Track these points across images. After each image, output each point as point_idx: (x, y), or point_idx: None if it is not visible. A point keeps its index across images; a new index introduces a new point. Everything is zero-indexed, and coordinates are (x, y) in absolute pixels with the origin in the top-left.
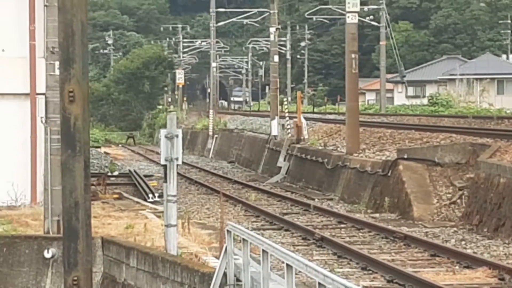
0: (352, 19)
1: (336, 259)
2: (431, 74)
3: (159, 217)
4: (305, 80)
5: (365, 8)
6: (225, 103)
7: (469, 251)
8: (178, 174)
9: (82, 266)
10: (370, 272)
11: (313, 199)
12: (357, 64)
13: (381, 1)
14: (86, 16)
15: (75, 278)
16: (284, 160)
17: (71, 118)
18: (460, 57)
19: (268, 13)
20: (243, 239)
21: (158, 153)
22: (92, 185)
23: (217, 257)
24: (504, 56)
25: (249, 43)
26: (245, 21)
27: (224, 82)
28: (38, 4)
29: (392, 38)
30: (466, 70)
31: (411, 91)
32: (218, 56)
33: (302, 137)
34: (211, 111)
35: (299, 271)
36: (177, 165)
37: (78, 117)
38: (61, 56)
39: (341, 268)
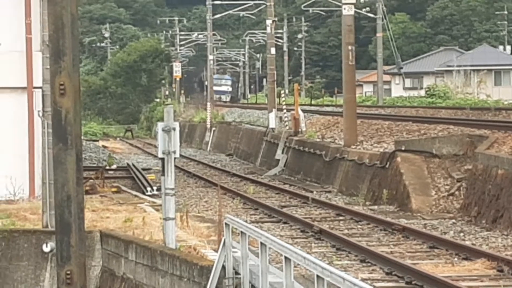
0: (348, 11)
1: (334, 251)
2: (428, 65)
3: (157, 210)
4: (303, 72)
5: (361, 0)
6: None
7: (467, 243)
8: (176, 167)
9: (76, 260)
10: (369, 264)
11: (312, 192)
12: (354, 56)
13: None
14: (77, 8)
15: (68, 272)
16: (282, 152)
17: (62, 111)
18: (457, 49)
19: (264, 6)
20: (242, 232)
21: (156, 146)
22: (91, 178)
23: (216, 250)
24: (501, 47)
25: (246, 36)
26: (241, 13)
27: None
28: None
29: (388, 30)
30: (463, 62)
31: (408, 82)
32: (215, 49)
33: (299, 130)
34: (208, 103)
35: (298, 264)
36: (175, 158)
37: (69, 110)
38: (51, 48)
39: (340, 260)
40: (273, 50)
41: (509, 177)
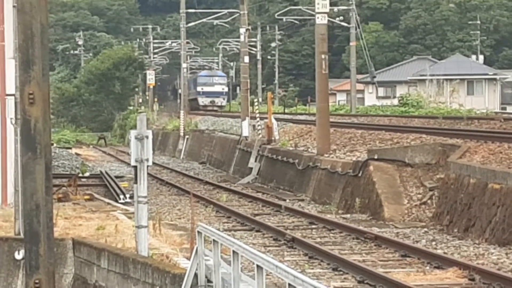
0: (321, 20)
1: (307, 260)
2: (401, 74)
3: (130, 218)
4: (276, 81)
5: (335, 8)
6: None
7: (439, 252)
8: (149, 175)
9: (44, 269)
10: (341, 272)
11: (284, 200)
12: (327, 65)
13: (350, 2)
14: (47, 17)
15: (37, 281)
16: (255, 161)
17: (31, 121)
18: (430, 58)
19: (238, 14)
20: (214, 240)
21: (129, 154)
22: (63, 186)
23: (188, 258)
24: (473, 56)
25: (220, 44)
26: (215, 21)
27: None
28: (6, 5)
29: (362, 39)
30: (436, 71)
31: (381, 91)
32: (188, 57)
33: (273, 138)
34: (181, 111)
35: (270, 272)
36: (148, 166)
37: (39, 119)
38: (21, 58)
39: (312, 269)
40: (246, 59)
41: (481, 186)
